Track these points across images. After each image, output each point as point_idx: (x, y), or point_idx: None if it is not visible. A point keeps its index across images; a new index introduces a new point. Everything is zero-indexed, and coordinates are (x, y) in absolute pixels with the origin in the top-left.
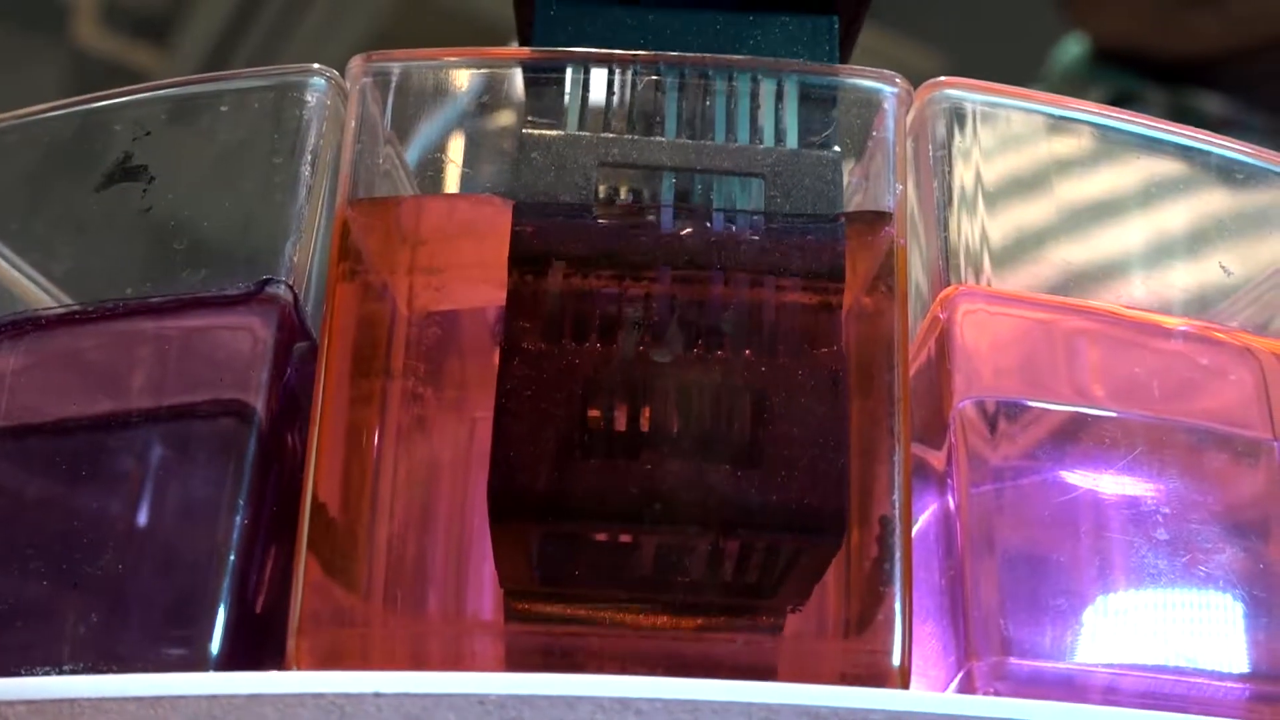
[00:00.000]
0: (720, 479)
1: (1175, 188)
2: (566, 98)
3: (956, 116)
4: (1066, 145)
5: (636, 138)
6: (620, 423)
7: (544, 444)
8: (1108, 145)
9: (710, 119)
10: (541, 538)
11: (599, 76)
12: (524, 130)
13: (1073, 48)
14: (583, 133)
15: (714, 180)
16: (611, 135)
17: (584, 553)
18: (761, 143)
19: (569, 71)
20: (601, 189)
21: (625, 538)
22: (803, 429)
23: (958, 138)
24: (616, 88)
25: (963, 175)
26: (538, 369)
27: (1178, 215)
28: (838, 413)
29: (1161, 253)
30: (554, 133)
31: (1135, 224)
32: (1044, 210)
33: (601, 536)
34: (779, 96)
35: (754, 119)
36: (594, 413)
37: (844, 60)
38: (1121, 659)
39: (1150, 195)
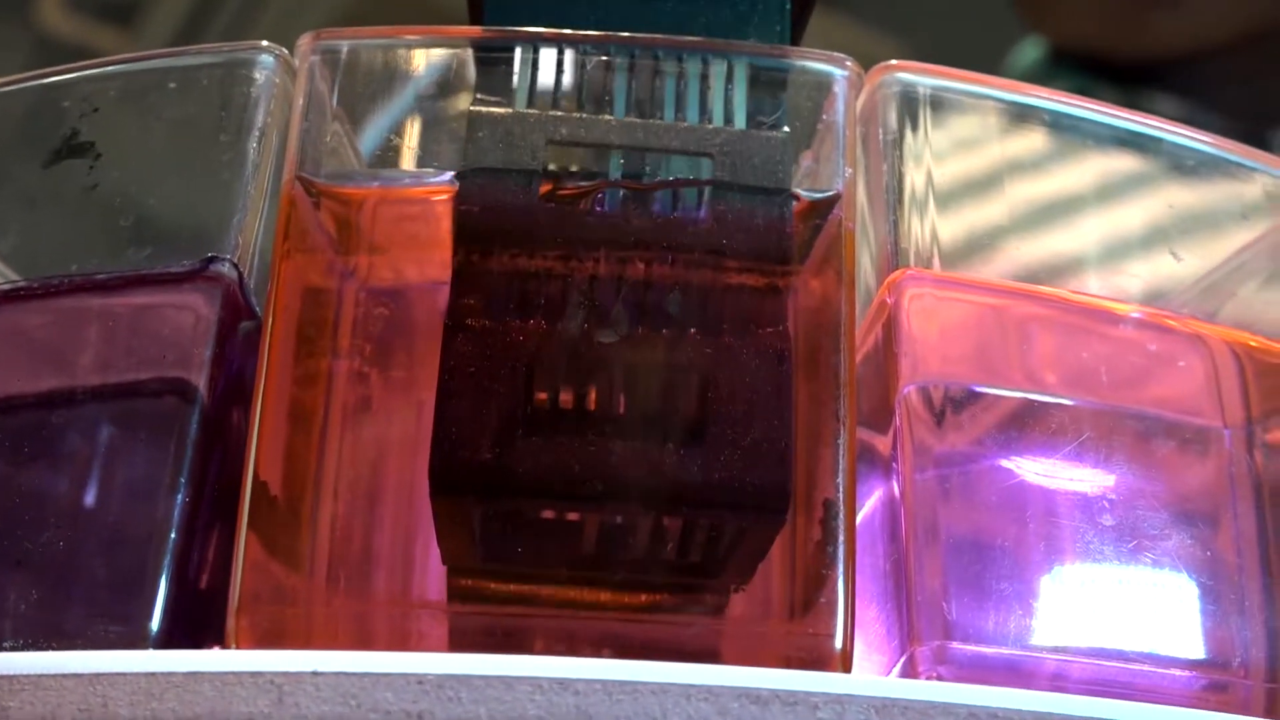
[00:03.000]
0: (664, 457)
1: (1128, 174)
2: (515, 77)
3: (908, 101)
4: (1018, 132)
5: (585, 116)
6: (563, 400)
7: (486, 420)
8: (1060, 132)
9: (660, 100)
10: (483, 514)
11: (548, 56)
12: (472, 108)
13: (1030, 51)
14: (531, 110)
15: (662, 160)
16: (560, 114)
17: (526, 530)
18: (711, 123)
19: (518, 51)
20: (550, 168)
21: (568, 516)
22: (747, 408)
23: (908, 123)
24: (566, 67)
25: (912, 160)
26: (481, 346)
27: (1130, 202)
28: (782, 392)
29: (1113, 239)
30: (502, 110)
31: (1087, 212)
32: (994, 197)
33: (544, 514)
34: (729, 78)
35: (704, 101)
36: (537, 391)
37: (795, 43)
38: (1066, 645)
39: (1103, 182)
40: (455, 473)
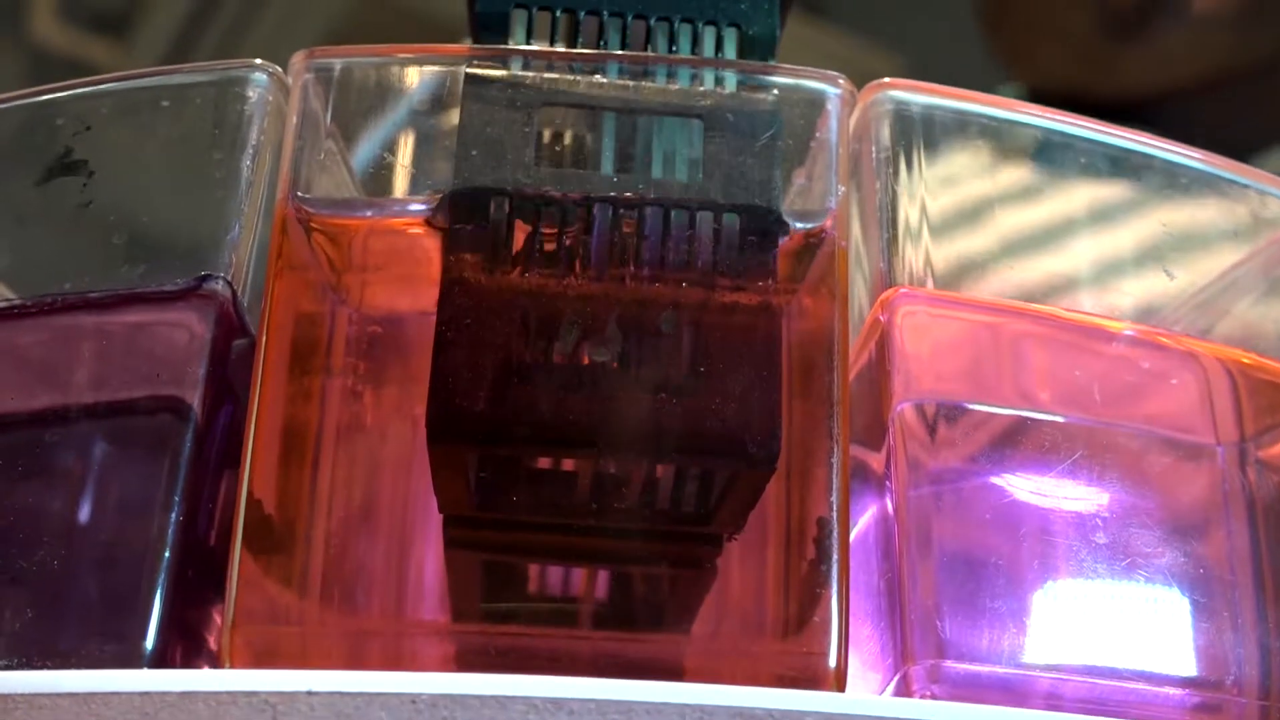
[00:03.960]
0: (655, 406)
1: (1121, 192)
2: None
3: (901, 119)
4: (1011, 149)
5: (579, 78)
6: (555, 351)
7: (481, 370)
8: (1053, 150)
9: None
10: (477, 461)
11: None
12: (468, 69)
13: (1007, 93)
14: (526, 73)
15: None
16: (555, 75)
17: (520, 478)
18: (700, 85)
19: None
20: (545, 132)
21: (561, 463)
22: (737, 359)
23: (901, 141)
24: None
25: (905, 178)
26: (477, 299)
27: (1123, 220)
28: (772, 344)
29: (1106, 256)
30: (498, 71)
31: (1080, 229)
32: (986, 215)
33: (537, 461)
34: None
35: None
36: (530, 341)
37: (784, 15)
38: (1060, 663)
39: (1095, 199)
40: (451, 420)
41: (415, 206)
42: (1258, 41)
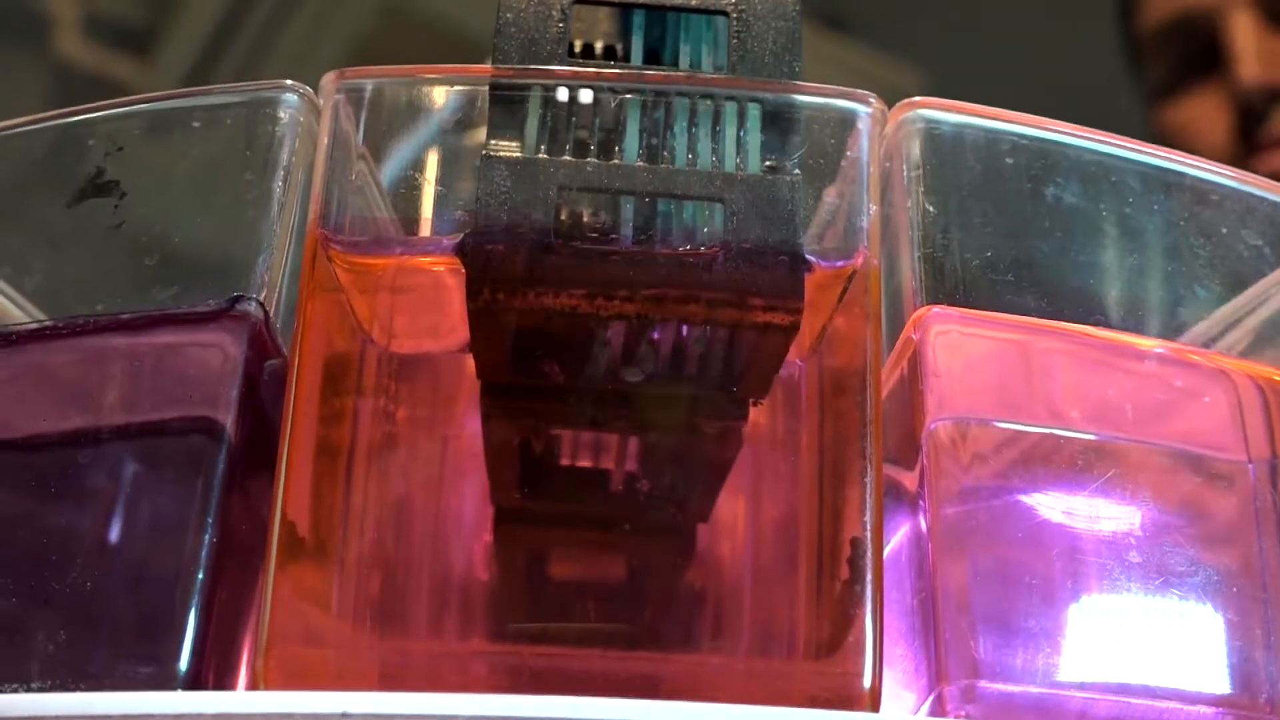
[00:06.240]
0: (684, 266)
1: (1152, 209)
2: (528, 120)
3: (931, 137)
4: (1042, 167)
5: (598, 162)
6: (590, 221)
7: (519, 235)
8: (1084, 167)
9: (672, 145)
10: (515, 317)
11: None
12: (485, 151)
13: None
14: (543, 156)
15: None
16: (572, 159)
17: (554, 339)
18: (722, 165)
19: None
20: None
21: (593, 326)
22: (762, 228)
23: (932, 159)
24: (579, 110)
25: (936, 196)
26: (514, 174)
27: (1154, 237)
28: (793, 214)
29: (1137, 275)
30: (515, 154)
31: (1111, 246)
32: (1018, 232)
33: (570, 323)
34: (741, 122)
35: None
36: (566, 212)
37: None
38: (1094, 682)
39: (1127, 217)
40: (490, 276)
41: (443, 242)
42: None
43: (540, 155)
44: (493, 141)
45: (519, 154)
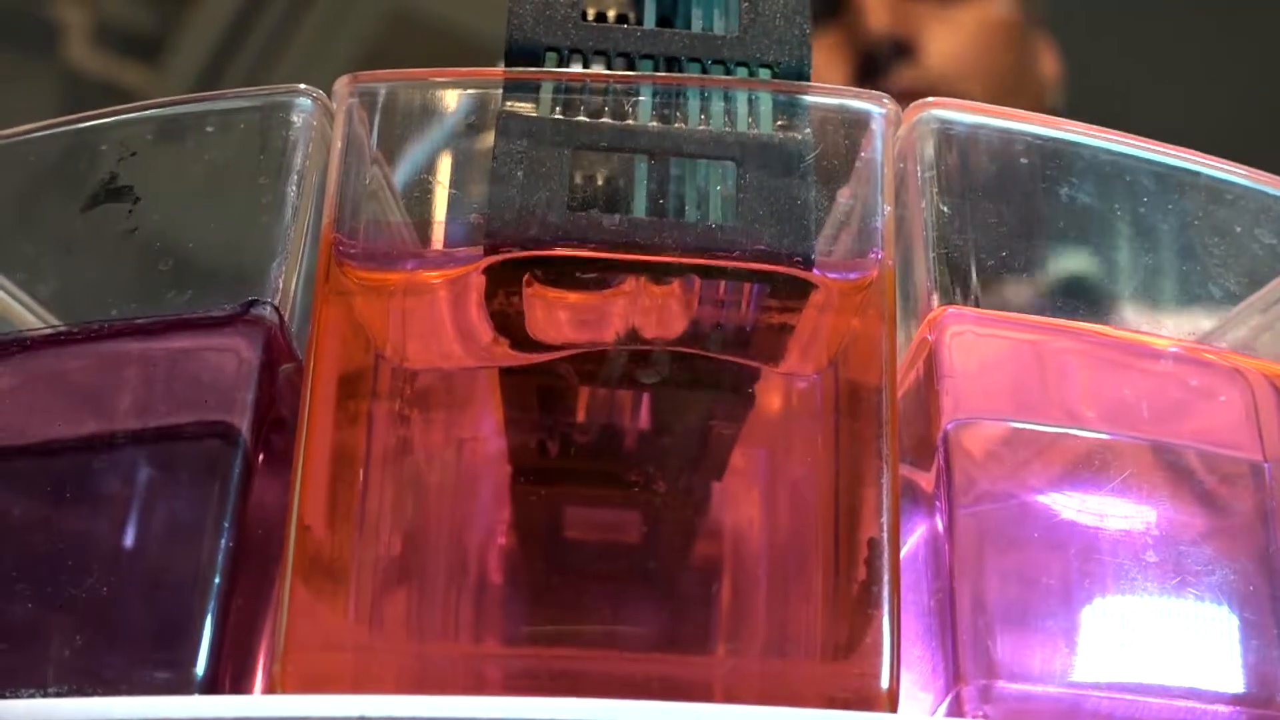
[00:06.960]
0: (695, 225)
1: (1167, 208)
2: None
3: (945, 138)
4: (1056, 166)
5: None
6: (603, 185)
7: (534, 196)
8: (1098, 166)
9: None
10: (529, 274)
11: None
12: (501, 110)
13: None
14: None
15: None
16: (587, 120)
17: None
18: (734, 126)
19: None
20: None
21: (606, 280)
22: (774, 184)
23: (946, 160)
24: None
25: (951, 197)
26: (530, 133)
27: (1168, 236)
28: (805, 171)
29: (1151, 274)
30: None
31: (1126, 246)
32: (1032, 232)
33: (585, 275)
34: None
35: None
36: (578, 173)
37: None
38: (1111, 682)
39: (1141, 215)
40: (507, 235)
41: (458, 255)
42: None
43: (556, 115)
44: (509, 103)
45: (535, 113)
